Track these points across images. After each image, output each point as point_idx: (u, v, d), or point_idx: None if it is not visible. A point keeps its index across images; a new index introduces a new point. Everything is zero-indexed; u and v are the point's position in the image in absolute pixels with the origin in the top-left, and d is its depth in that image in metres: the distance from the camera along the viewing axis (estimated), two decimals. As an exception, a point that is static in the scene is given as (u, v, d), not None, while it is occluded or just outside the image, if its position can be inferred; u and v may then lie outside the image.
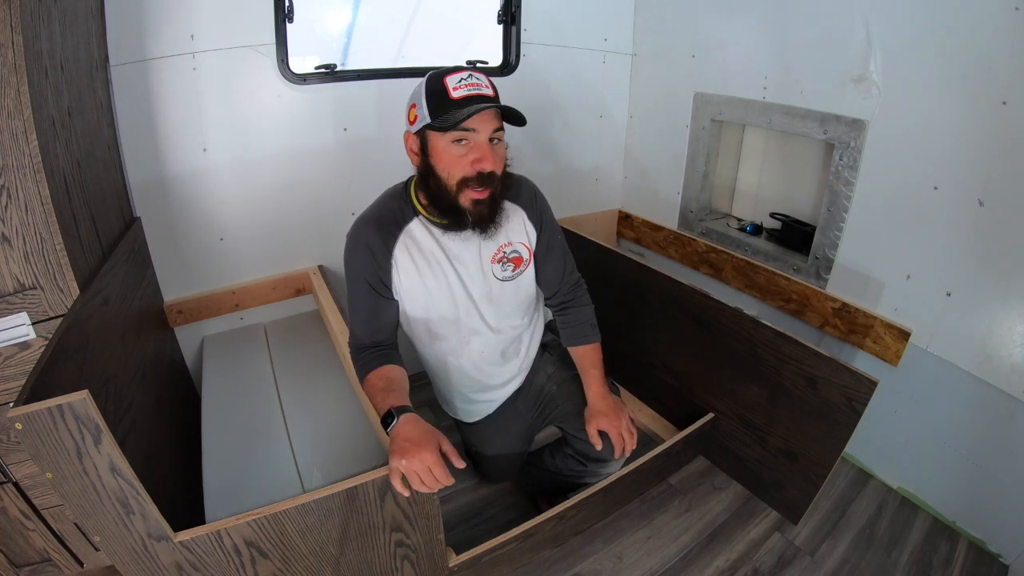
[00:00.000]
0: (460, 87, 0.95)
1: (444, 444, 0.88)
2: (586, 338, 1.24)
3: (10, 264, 0.97)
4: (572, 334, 1.26)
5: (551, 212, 1.22)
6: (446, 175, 0.99)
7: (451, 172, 0.99)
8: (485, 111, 0.95)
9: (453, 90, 0.95)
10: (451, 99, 0.95)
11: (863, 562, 1.37)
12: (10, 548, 1.17)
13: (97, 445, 0.75)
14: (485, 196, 1.00)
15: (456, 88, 0.95)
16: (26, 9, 0.90)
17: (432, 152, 1.00)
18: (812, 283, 1.66)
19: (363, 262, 1.07)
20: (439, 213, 1.05)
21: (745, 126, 1.95)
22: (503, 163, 1.02)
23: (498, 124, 0.99)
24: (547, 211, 1.20)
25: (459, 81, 0.96)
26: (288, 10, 1.45)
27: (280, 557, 0.93)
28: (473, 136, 0.97)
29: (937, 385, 1.43)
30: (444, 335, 1.18)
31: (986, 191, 1.26)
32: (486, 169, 0.98)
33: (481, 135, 0.97)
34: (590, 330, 1.25)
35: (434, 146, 0.99)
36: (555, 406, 1.31)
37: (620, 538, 1.43)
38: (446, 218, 1.05)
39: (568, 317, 1.26)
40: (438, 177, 1.00)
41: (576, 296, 1.27)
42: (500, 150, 1.01)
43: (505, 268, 1.14)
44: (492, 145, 0.99)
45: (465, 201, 1.00)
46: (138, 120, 1.38)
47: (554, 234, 1.21)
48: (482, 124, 0.96)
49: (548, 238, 1.19)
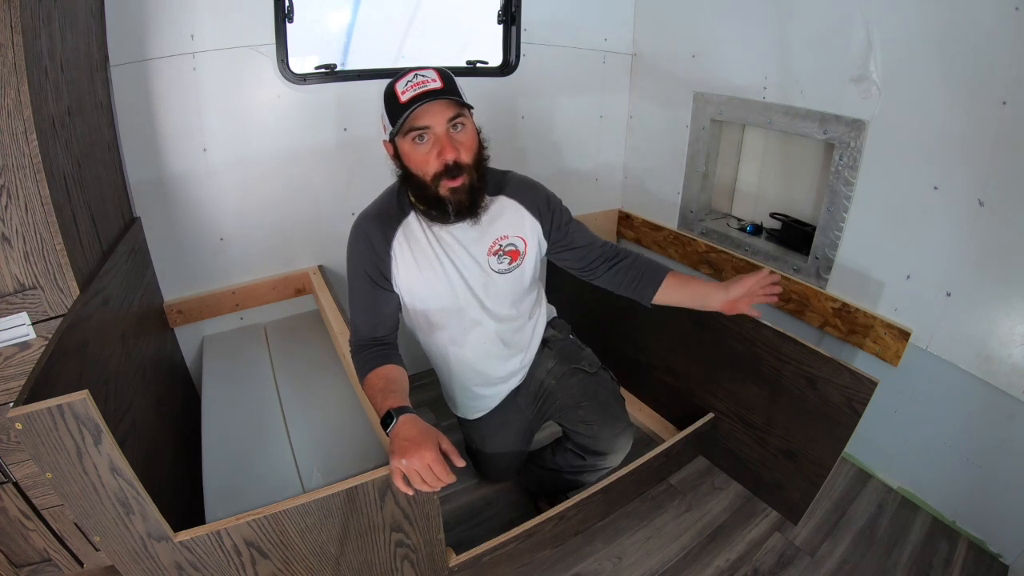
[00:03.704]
0: (407, 89, 0.97)
1: (443, 443, 0.88)
2: (658, 275, 1.21)
3: (10, 264, 0.97)
4: (644, 281, 1.21)
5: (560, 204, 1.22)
6: (421, 173, 1.02)
7: (424, 170, 1.01)
8: (433, 103, 0.96)
9: (402, 94, 0.98)
10: (400, 103, 0.97)
11: (863, 562, 1.37)
12: (10, 548, 1.17)
13: (97, 445, 0.75)
14: (459, 184, 1.02)
15: (404, 92, 0.98)
16: (26, 9, 0.90)
17: (404, 156, 1.03)
18: (812, 283, 1.66)
19: (363, 255, 1.10)
20: (426, 208, 1.08)
21: (745, 126, 1.94)
22: (471, 148, 1.03)
23: (452, 112, 0.99)
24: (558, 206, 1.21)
25: (406, 84, 0.98)
26: (288, 10, 1.45)
27: (280, 557, 0.93)
28: (430, 131, 0.99)
29: (937, 385, 1.43)
30: (444, 325, 1.19)
31: (986, 191, 1.26)
32: (449, 159, 0.99)
33: (437, 128, 0.99)
34: (655, 268, 1.22)
35: (403, 150, 1.03)
36: (554, 400, 1.31)
37: (620, 538, 1.43)
38: (433, 211, 1.07)
39: (627, 272, 1.22)
40: (415, 176, 1.03)
41: (618, 251, 1.24)
42: (464, 136, 1.02)
43: (501, 261, 1.15)
44: (453, 134, 1.00)
45: (444, 191, 1.02)
46: (138, 120, 1.38)
47: (575, 225, 1.23)
48: (434, 117, 0.98)
49: (564, 223, 1.21)
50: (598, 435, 1.26)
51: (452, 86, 1.00)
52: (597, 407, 1.27)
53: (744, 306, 1.18)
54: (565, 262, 1.25)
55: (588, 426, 1.26)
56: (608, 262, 1.23)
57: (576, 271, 1.26)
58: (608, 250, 1.23)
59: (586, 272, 1.24)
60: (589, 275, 1.25)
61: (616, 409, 1.29)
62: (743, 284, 1.16)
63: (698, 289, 1.21)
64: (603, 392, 1.29)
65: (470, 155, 1.02)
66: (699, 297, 1.21)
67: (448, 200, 1.02)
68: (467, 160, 1.02)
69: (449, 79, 1.00)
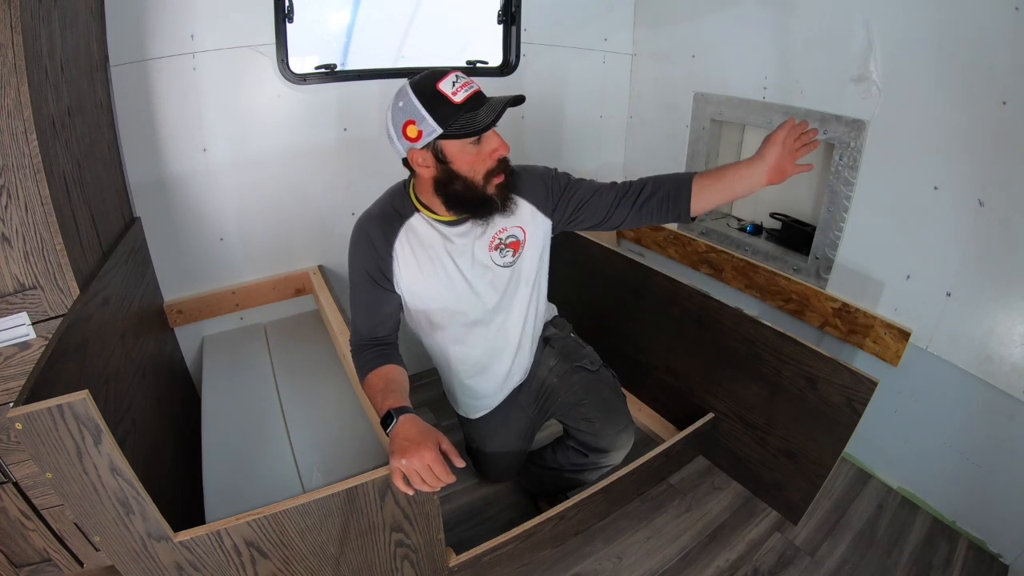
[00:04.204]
0: (458, 91, 0.96)
1: (443, 443, 0.88)
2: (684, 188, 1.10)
3: (10, 264, 0.97)
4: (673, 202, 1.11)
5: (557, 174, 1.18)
6: (472, 174, 1.01)
7: (475, 169, 1.01)
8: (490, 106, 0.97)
9: (452, 95, 0.96)
10: (456, 104, 0.95)
11: (863, 562, 1.36)
12: (10, 548, 1.17)
13: (97, 445, 0.75)
14: (504, 179, 1.04)
15: (455, 92, 0.96)
16: (26, 9, 0.90)
17: (451, 159, 1.00)
18: (812, 283, 1.66)
19: (364, 255, 1.09)
20: (462, 211, 1.06)
21: (745, 126, 1.94)
22: None
23: None
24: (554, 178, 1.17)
25: (453, 85, 0.97)
26: (288, 10, 1.45)
27: (280, 557, 0.93)
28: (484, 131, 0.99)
29: (937, 385, 1.43)
30: (445, 325, 1.19)
31: (986, 191, 1.26)
32: (504, 155, 1.03)
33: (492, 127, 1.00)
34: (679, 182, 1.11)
35: (451, 153, 1.00)
36: (555, 398, 1.31)
37: (620, 538, 1.43)
38: (470, 212, 1.06)
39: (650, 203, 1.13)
40: (464, 178, 1.01)
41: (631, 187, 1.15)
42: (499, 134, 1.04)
43: (504, 254, 1.15)
44: (496, 132, 1.02)
45: (492, 189, 1.03)
46: (138, 120, 1.38)
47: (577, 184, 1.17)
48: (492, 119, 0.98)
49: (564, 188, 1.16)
50: (600, 432, 1.26)
51: None
52: (599, 404, 1.27)
53: (791, 166, 1.05)
54: (584, 222, 1.18)
55: (590, 423, 1.27)
56: (627, 199, 1.13)
57: (599, 225, 1.18)
58: (621, 190, 1.14)
59: (609, 221, 1.16)
60: (613, 221, 1.16)
61: (618, 406, 1.29)
62: (774, 143, 1.04)
63: (734, 176, 1.08)
64: (605, 389, 1.29)
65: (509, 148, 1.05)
66: (739, 184, 1.08)
67: (496, 197, 1.04)
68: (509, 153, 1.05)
69: None
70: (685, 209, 1.11)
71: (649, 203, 1.13)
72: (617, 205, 1.14)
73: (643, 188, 1.14)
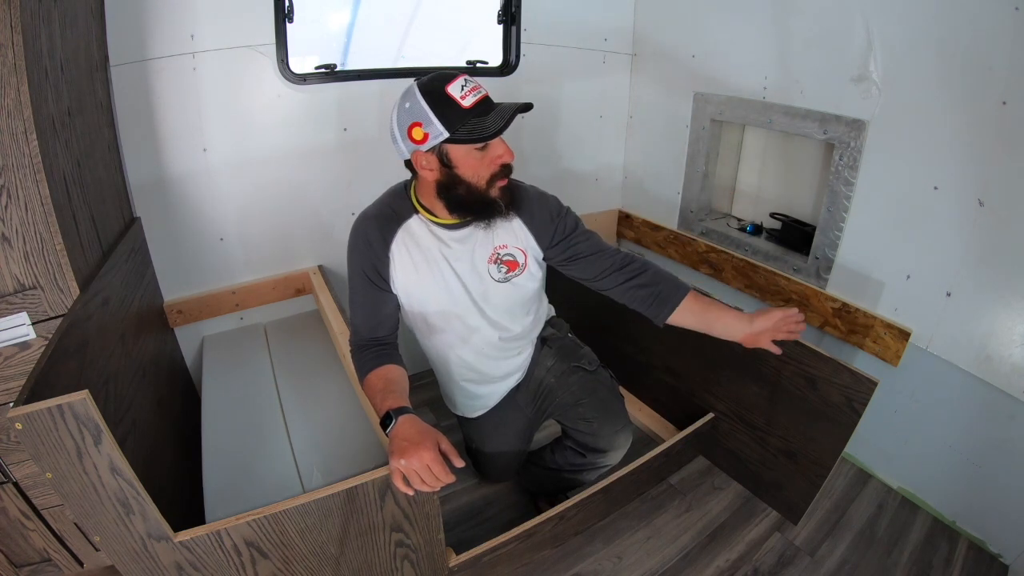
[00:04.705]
0: (466, 95, 0.96)
1: (443, 443, 0.88)
2: (676, 295, 1.13)
3: (10, 264, 0.97)
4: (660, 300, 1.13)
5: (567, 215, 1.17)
6: (476, 179, 1.01)
7: (479, 175, 1.01)
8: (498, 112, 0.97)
9: (461, 99, 0.95)
10: (465, 109, 0.95)
11: (863, 562, 1.37)
12: (10, 548, 1.17)
13: (97, 445, 0.75)
14: (507, 182, 1.05)
15: (463, 97, 0.95)
16: (26, 9, 0.90)
17: (455, 163, 0.99)
18: (812, 283, 1.66)
19: (362, 255, 1.09)
20: (465, 214, 1.06)
21: (745, 126, 1.94)
22: None
23: None
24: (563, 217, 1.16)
25: (461, 89, 0.96)
26: (288, 10, 1.45)
27: (280, 557, 0.93)
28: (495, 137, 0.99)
29: (937, 385, 1.43)
30: (442, 328, 1.19)
31: (986, 191, 1.25)
32: (510, 161, 1.02)
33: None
34: (674, 287, 1.14)
35: (456, 157, 0.99)
36: (553, 398, 1.31)
37: (620, 538, 1.43)
38: (473, 215, 1.06)
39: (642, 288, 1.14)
40: (467, 182, 1.01)
41: (632, 262, 1.16)
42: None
43: (500, 269, 1.15)
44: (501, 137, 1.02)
45: (495, 192, 1.03)
46: (138, 120, 1.38)
47: (583, 236, 1.17)
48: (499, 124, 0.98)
49: (568, 232, 1.16)
50: (598, 432, 1.26)
51: None
52: (597, 404, 1.27)
53: (765, 341, 1.11)
54: (572, 272, 1.19)
55: (588, 423, 1.27)
56: (621, 273, 1.15)
57: (585, 282, 1.19)
58: (620, 261, 1.16)
59: (596, 282, 1.18)
60: (599, 285, 1.18)
61: (616, 406, 1.29)
62: (769, 318, 1.10)
63: (719, 317, 1.14)
64: (602, 390, 1.29)
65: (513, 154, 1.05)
66: (719, 325, 1.14)
67: (499, 199, 1.04)
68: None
69: None
70: (664, 316, 1.15)
71: (638, 292, 1.15)
72: (611, 274, 1.15)
73: (640, 274, 1.15)
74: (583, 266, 1.17)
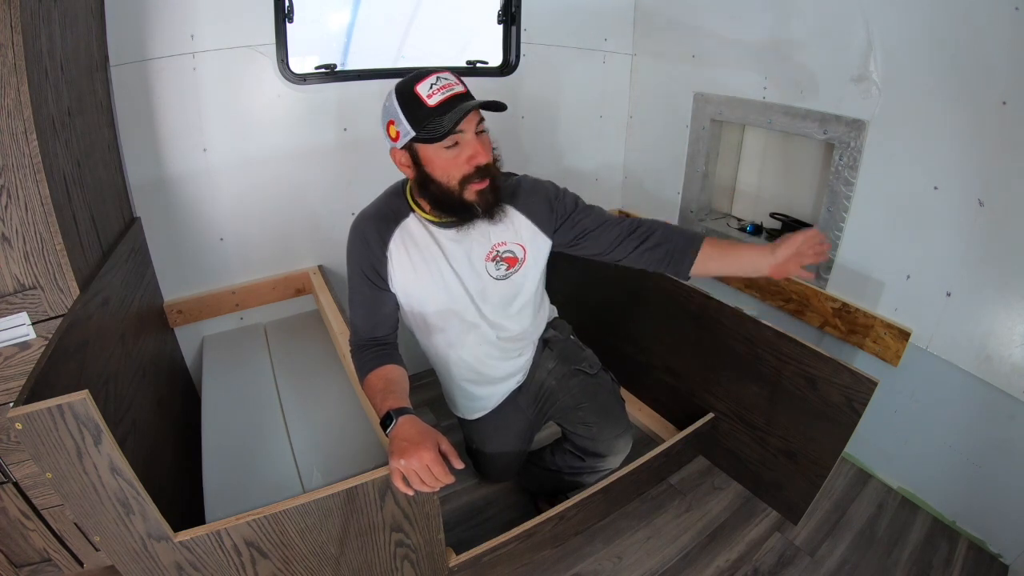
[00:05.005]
0: (434, 93, 0.95)
1: (443, 443, 0.88)
2: (692, 245, 1.11)
3: (10, 264, 0.97)
4: (678, 255, 1.11)
5: (565, 195, 1.17)
6: (446, 179, 1.00)
7: (450, 175, 1.00)
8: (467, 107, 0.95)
9: (428, 97, 0.95)
10: (429, 107, 0.95)
11: (863, 562, 1.37)
12: (10, 548, 1.17)
13: (97, 445, 0.75)
14: (486, 186, 1.02)
15: (430, 95, 0.95)
16: (26, 9, 0.90)
17: (425, 162, 1.00)
18: (812, 283, 1.66)
19: (360, 254, 1.09)
20: (444, 213, 1.06)
21: (745, 126, 1.94)
22: (491, 150, 1.03)
23: (479, 116, 0.99)
24: (560, 199, 1.16)
25: (431, 87, 0.95)
26: (288, 10, 1.45)
27: (280, 557, 0.93)
28: (462, 136, 0.97)
29: (937, 385, 1.43)
30: (442, 327, 1.19)
31: (986, 191, 1.25)
32: (482, 163, 0.99)
33: (468, 133, 0.98)
34: (689, 238, 1.11)
35: (425, 156, 0.99)
36: (554, 401, 1.31)
37: (620, 538, 1.43)
38: (453, 216, 1.06)
39: (656, 249, 1.12)
40: (438, 183, 1.01)
41: (641, 225, 1.14)
42: (487, 139, 1.02)
43: (499, 267, 1.15)
44: (480, 137, 1.00)
45: (470, 195, 1.01)
46: (138, 120, 1.38)
47: (584, 211, 1.16)
48: (468, 122, 0.97)
49: (569, 212, 1.16)
50: (597, 437, 1.26)
51: (469, 92, 1.00)
52: (597, 408, 1.26)
53: (794, 268, 1.08)
54: (584, 251, 1.18)
55: (588, 427, 1.26)
56: (632, 239, 1.13)
57: (599, 256, 1.17)
58: (628, 227, 1.14)
59: (610, 254, 1.16)
60: (614, 256, 1.16)
61: (616, 411, 1.28)
62: (791, 243, 1.07)
63: (741, 255, 1.11)
64: (603, 393, 1.29)
65: (491, 156, 1.03)
66: (743, 264, 1.11)
67: (476, 203, 1.02)
68: (491, 161, 1.03)
69: (463, 82, 1.00)
70: (686, 270, 1.12)
71: (654, 251, 1.13)
72: (621, 242, 1.14)
73: (651, 234, 1.13)
74: (593, 241, 1.16)
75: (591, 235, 1.15)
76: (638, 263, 1.16)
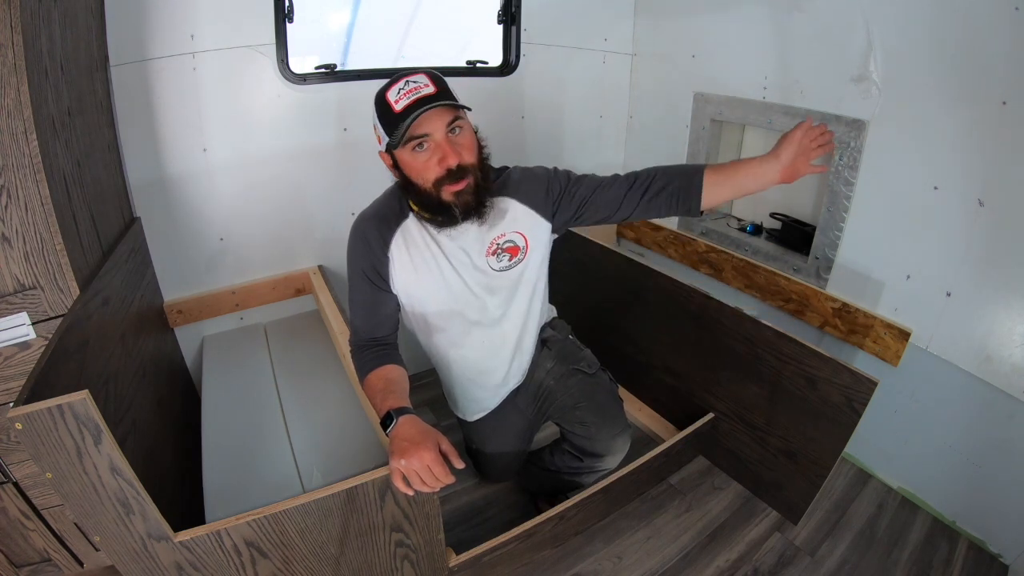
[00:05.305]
0: (400, 98, 0.96)
1: (443, 443, 0.88)
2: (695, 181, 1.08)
3: (10, 264, 0.97)
4: (683, 195, 1.09)
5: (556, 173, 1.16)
6: (421, 181, 1.01)
7: (424, 177, 1.00)
8: (431, 109, 0.95)
9: (395, 103, 0.96)
10: (396, 113, 0.96)
11: (863, 562, 1.36)
12: (10, 548, 1.17)
13: (97, 445, 0.75)
14: (463, 186, 1.01)
15: (397, 101, 0.96)
16: (26, 9, 0.90)
17: (403, 166, 1.02)
18: (812, 283, 1.66)
19: (361, 255, 1.10)
20: (430, 214, 1.07)
21: (745, 126, 1.94)
22: (472, 149, 1.02)
23: (450, 116, 0.98)
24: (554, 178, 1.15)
25: (398, 92, 0.96)
26: (288, 10, 1.45)
27: (280, 557, 0.93)
28: (429, 139, 0.97)
29: (937, 385, 1.43)
30: (443, 327, 1.19)
31: (986, 191, 1.25)
32: (452, 165, 0.98)
33: (436, 134, 0.97)
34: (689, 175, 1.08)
35: (401, 160, 1.01)
36: (553, 401, 1.31)
37: (620, 538, 1.43)
38: (439, 216, 1.06)
39: (660, 196, 1.10)
40: (416, 185, 1.02)
41: (639, 177, 1.12)
42: (463, 138, 1.01)
43: (501, 259, 1.15)
44: (452, 138, 0.99)
45: (447, 196, 1.01)
46: (138, 120, 1.38)
47: (578, 182, 1.15)
48: (432, 124, 0.96)
49: (576, 191, 1.14)
50: (595, 436, 1.26)
51: (445, 88, 0.99)
52: (595, 408, 1.26)
53: (803, 166, 1.04)
54: (590, 219, 1.16)
55: (585, 427, 1.26)
56: (634, 192, 1.11)
57: (608, 220, 1.16)
58: (626, 182, 1.12)
59: (618, 214, 1.14)
60: (622, 215, 1.14)
61: (614, 411, 1.28)
62: (790, 141, 1.03)
63: (747, 171, 1.07)
64: (601, 393, 1.29)
65: (472, 155, 1.01)
66: (752, 179, 1.07)
67: (453, 204, 1.01)
68: (470, 161, 1.01)
69: (441, 81, 0.99)
70: (696, 204, 1.09)
71: (659, 197, 1.11)
72: (624, 198, 1.12)
73: (652, 181, 1.11)
74: (596, 207, 1.14)
75: (591, 202, 1.14)
76: (648, 214, 1.14)
